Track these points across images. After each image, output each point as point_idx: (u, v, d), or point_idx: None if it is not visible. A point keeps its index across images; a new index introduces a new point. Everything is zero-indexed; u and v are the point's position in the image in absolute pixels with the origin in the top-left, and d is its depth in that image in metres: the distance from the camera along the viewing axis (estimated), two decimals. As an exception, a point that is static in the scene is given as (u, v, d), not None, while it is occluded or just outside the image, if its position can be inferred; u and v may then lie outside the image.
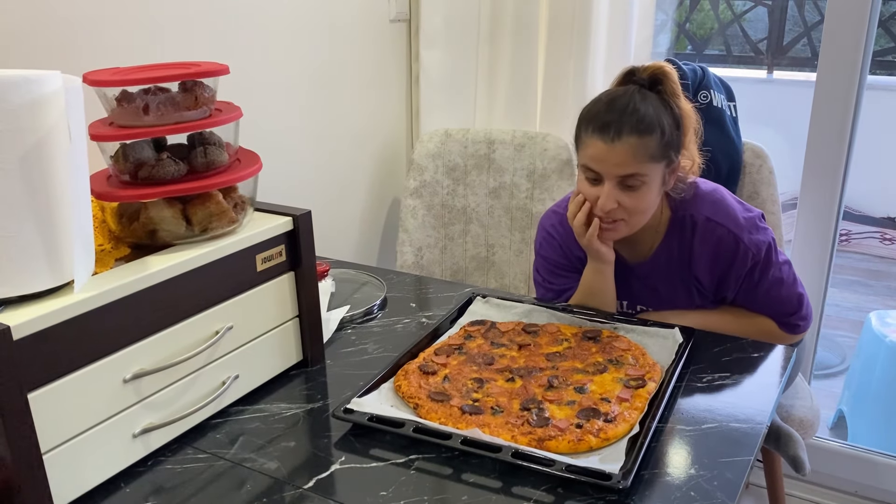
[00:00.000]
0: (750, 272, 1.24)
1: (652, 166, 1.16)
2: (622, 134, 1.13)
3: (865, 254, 3.61)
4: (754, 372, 1.07)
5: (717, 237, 1.23)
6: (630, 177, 1.15)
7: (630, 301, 1.35)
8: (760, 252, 1.23)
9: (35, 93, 0.75)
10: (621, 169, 1.15)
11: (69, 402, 0.80)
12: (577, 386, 1.01)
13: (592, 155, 1.17)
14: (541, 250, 1.39)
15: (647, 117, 1.14)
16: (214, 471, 0.89)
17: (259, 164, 1.02)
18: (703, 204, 1.25)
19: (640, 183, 1.16)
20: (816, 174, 1.72)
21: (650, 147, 1.14)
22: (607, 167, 1.16)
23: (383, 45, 1.89)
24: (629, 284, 1.31)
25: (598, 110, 1.18)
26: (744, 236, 1.22)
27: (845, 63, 1.62)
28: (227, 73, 0.96)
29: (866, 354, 2.12)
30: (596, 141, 1.16)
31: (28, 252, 0.77)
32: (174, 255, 0.91)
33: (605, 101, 1.18)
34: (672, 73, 1.19)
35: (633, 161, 1.14)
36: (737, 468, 0.86)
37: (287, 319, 1.08)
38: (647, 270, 1.30)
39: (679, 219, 1.26)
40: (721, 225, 1.23)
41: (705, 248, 1.24)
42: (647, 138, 1.14)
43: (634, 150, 1.14)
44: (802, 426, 1.46)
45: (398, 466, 0.89)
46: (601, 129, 1.15)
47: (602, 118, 1.16)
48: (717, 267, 1.25)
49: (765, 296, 1.26)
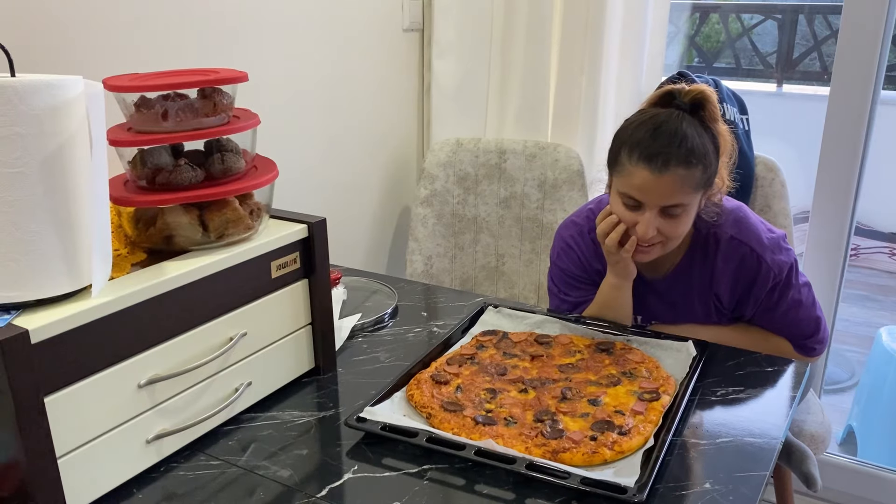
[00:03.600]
0: (770, 292, 1.23)
1: (694, 195, 1.15)
2: (669, 166, 1.11)
3: (874, 269, 3.59)
4: (769, 386, 1.07)
5: (740, 256, 1.22)
6: (673, 206, 1.14)
7: (645, 316, 1.34)
8: (782, 273, 1.22)
9: (57, 97, 0.75)
10: (666, 200, 1.13)
11: (85, 406, 0.80)
12: (590, 398, 1.00)
13: (638, 185, 1.13)
14: (558, 261, 1.37)
15: (695, 149, 1.12)
16: (226, 478, 0.89)
17: (276, 172, 1.02)
18: (727, 222, 1.24)
19: (682, 211, 1.15)
20: (829, 188, 1.71)
21: (696, 177, 1.13)
22: (652, 197, 1.13)
23: (396, 55, 1.89)
24: (646, 300, 1.31)
25: (642, 137, 1.13)
26: (767, 256, 1.22)
27: (859, 77, 1.62)
28: (245, 81, 0.97)
29: (876, 370, 2.11)
30: (642, 171, 1.12)
31: (47, 256, 0.77)
32: (191, 261, 0.91)
33: (650, 128, 1.13)
34: (712, 95, 1.16)
35: (678, 193, 1.12)
36: (752, 483, 0.85)
37: (300, 327, 1.08)
38: (666, 286, 1.29)
39: (703, 237, 1.25)
40: (745, 244, 1.22)
41: (728, 266, 1.24)
42: (694, 170, 1.12)
43: (682, 182, 1.12)
44: (814, 442, 1.45)
45: (411, 476, 0.89)
46: (648, 159, 1.11)
47: (649, 147, 1.12)
48: (738, 285, 1.24)
49: (783, 317, 1.25)
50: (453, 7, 1.88)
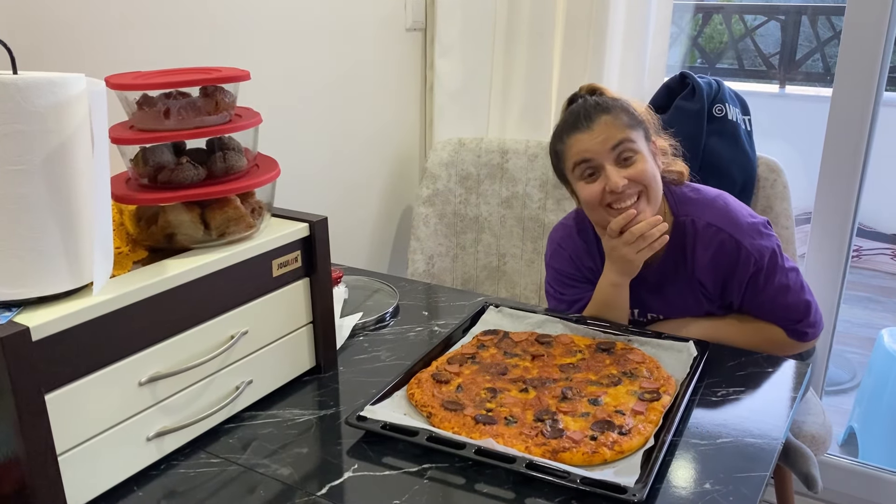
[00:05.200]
0: (753, 278, 1.24)
1: (632, 133, 1.21)
2: (592, 118, 1.21)
3: (876, 270, 3.59)
4: (769, 387, 1.07)
5: (717, 241, 1.23)
6: (620, 146, 1.20)
7: (641, 309, 1.35)
8: (763, 258, 1.23)
9: (59, 95, 0.75)
10: (609, 142, 1.20)
11: (85, 404, 0.80)
12: (591, 398, 1.00)
13: (579, 150, 1.22)
14: (552, 262, 1.40)
15: (604, 102, 1.24)
16: (227, 475, 0.89)
17: (277, 171, 1.02)
18: (704, 208, 1.26)
19: (633, 152, 1.21)
20: (831, 189, 1.71)
21: (621, 118, 1.21)
22: (596, 147, 1.21)
23: (399, 54, 1.89)
24: (639, 292, 1.31)
25: (562, 122, 1.27)
26: (745, 241, 1.22)
27: (862, 79, 1.62)
28: (248, 79, 0.97)
29: (878, 371, 2.10)
30: (574, 138, 1.22)
31: (48, 253, 0.77)
32: (193, 259, 0.91)
33: (564, 117, 1.28)
34: (603, 86, 1.30)
35: (614, 131, 1.20)
36: (752, 483, 0.85)
37: (301, 325, 1.08)
38: (655, 278, 1.30)
39: (680, 224, 1.26)
40: (722, 230, 1.23)
41: (706, 253, 1.24)
42: (615, 112, 1.22)
43: (610, 124, 1.21)
44: (814, 442, 1.45)
45: (411, 475, 0.89)
46: (573, 126, 1.23)
47: (568, 122, 1.25)
48: (719, 272, 1.25)
49: (771, 302, 1.26)
50: (456, 7, 1.88)
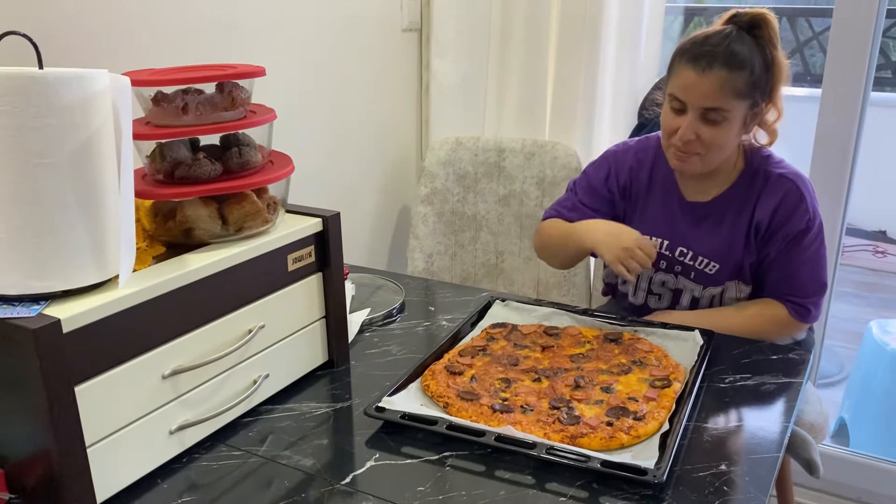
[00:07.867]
0: (800, 235, 1.27)
1: (736, 103, 1.20)
2: (713, 66, 1.18)
3: (859, 266, 3.65)
4: (774, 373, 1.09)
5: (785, 189, 1.28)
6: (713, 110, 1.19)
7: (672, 242, 1.35)
8: (815, 220, 1.28)
9: (86, 90, 0.76)
10: (707, 101, 1.19)
11: (112, 396, 0.80)
12: (603, 386, 1.02)
13: (681, 84, 1.21)
14: (589, 167, 1.46)
15: (739, 54, 1.19)
16: (249, 467, 0.90)
17: (291, 166, 1.03)
18: (779, 165, 1.30)
19: (722, 118, 1.20)
20: (820, 189, 1.74)
21: (738, 83, 1.18)
22: (694, 97, 1.20)
23: (395, 54, 1.91)
24: (679, 223, 1.34)
25: (693, 42, 1.22)
26: (808, 198, 1.28)
27: (850, 79, 1.65)
28: (263, 75, 0.98)
29: (867, 363, 2.15)
30: (687, 70, 1.20)
31: (75, 246, 0.78)
32: (213, 253, 0.92)
33: (702, 36, 1.23)
34: (773, 21, 1.22)
35: (719, 94, 1.18)
36: (766, 464, 0.88)
37: (315, 320, 1.09)
38: (707, 210, 1.33)
39: (752, 171, 1.30)
40: (792, 181, 1.28)
41: (771, 199, 1.28)
42: (737, 74, 1.18)
43: (722, 83, 1.18)
44: (813, 430, 1.48)
45: (432, 464, 0.90)
46: (694, 59, 1.19)
47: (696, 50, 1.20)
48: (776, 216, 1.28)
49: (797, 267, 1.29)
50: (452, 7, 1.90)
